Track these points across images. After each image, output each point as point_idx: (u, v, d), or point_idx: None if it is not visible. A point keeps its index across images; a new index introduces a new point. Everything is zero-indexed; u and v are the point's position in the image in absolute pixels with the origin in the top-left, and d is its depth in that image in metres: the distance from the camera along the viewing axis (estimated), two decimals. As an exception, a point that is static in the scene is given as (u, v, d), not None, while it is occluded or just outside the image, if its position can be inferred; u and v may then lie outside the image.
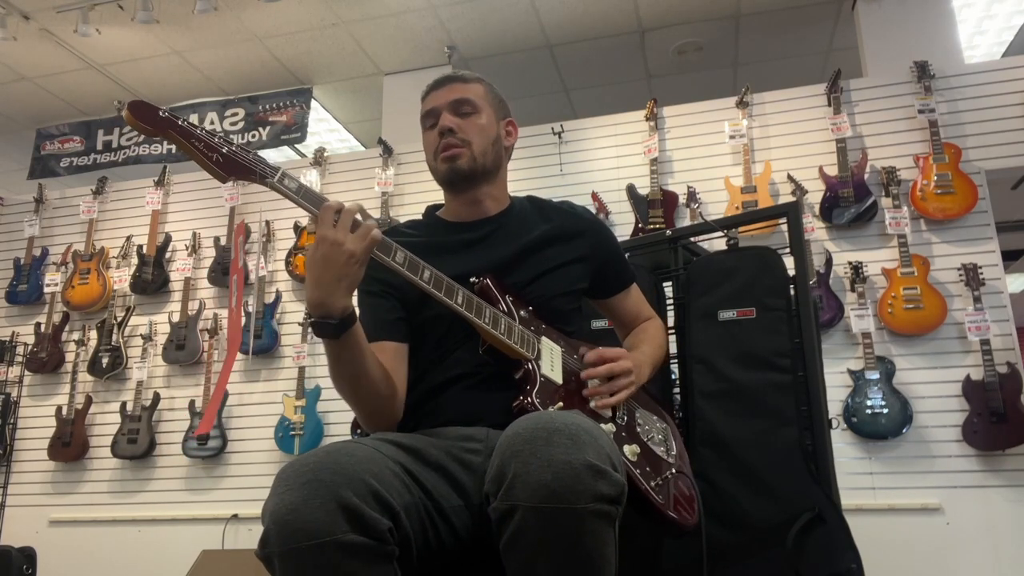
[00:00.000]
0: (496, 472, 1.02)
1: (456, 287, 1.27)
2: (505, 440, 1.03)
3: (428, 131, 1.48)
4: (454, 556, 1.19)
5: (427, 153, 1.50)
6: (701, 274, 2.00)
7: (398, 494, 1.06)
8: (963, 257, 3.32)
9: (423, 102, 1.51)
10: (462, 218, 1.51)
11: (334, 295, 1.14)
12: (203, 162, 1.14)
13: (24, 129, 5.00)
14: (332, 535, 0.96)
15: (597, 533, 0.98)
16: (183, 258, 4.28)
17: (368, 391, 1.27)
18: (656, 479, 1.32)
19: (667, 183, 3.78)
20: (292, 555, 0.96)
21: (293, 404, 3.85)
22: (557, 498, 0.95)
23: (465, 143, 1.44)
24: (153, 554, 3.90)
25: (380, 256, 1.20)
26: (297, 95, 4.56)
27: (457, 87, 1.48)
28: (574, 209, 1.59)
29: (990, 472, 3.10)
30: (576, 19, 4.16)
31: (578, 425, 1.02)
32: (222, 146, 1.15)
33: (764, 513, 1.74)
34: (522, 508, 0.97)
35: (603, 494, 0.97)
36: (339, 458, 1.03)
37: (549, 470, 0.96)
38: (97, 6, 3.88)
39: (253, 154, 1.17)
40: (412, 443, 1.22)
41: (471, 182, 1.46)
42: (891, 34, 3.85)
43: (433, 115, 1.47)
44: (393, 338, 1.38)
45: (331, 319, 1.15)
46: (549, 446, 0.98)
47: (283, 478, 1.02)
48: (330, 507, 0.97)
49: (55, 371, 4.29)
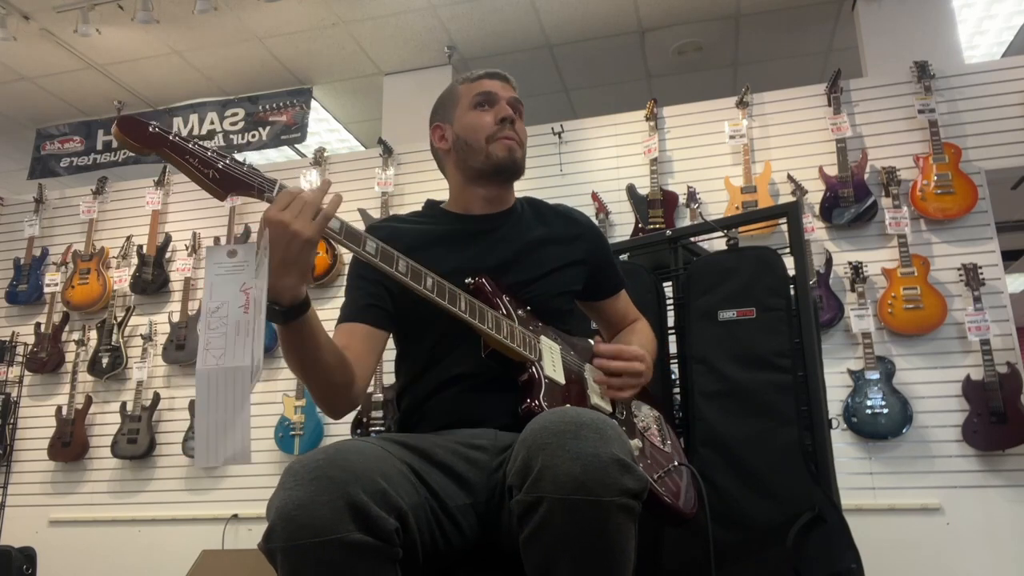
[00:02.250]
0: (521, 465, 1.01)
1: (458, 293, 1.26)
2: (531, 434, 1.03)
3: (482, 111, 1.46)
4: (459, 556, 1.19)
5: (473, 132, 1.45)
6: (701, 274, 2.00)
7: (406, 494, 1.06)
8: (963, 257, 3.32)
9: (473, 83, 1.49)
10: (470, 211, 1.50)
11: (283, 279, 1.08)
12: (199, 180, 1.07)
13: (24, 129, 5.00)
14: (337, 533, 0.95)
15: (620, 527, 0.99)
16: (183, 258, 4.28)
17: (318, 377, 1.22)
18: (658, 472, 1.35)
19: (667, 183, 3.78)
20: (296, 551, 0.96)
21: (293, 404, 3.85)
22: (585, 490, 0.96)
23: (520, 143, 1.47)
24: (153, 554, 3.90)
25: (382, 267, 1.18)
26: (297, 95, 4.56)
27: (511, 88, 1.51)
28: (571, 213, 1.60)
29: (990, 472, 3.10)
30: (576, 19, 4.16)
31: (603, 420, 1.04)
32: (217, 161, 1.07)
33: (764, 513, 1.74)
34: (548, 500, 0.97)
35: (628, 488, 0.98)
36: (349, 456, 1.03)
37: (578, 463, 0.97)
38: (97, 6, 3.88)
39: (248, 166, 1.11)
40: (418, 443, 1.22)
41: (512, 177, 1.48)
42: (891, 34, 3.85)
43: (493, 99, 1.46)
44: (366, 321, 1.36)
45: (278, 304, 1.10)
46: (577, 440, 0.99)
47: (292, 473, 1.01)
48: (338, 505, 0.96)
49: (55, 371, 4.29)
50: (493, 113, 1.45)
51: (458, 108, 1.48)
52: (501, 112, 1.44)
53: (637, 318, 1.68)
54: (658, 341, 1.67)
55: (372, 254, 1.17)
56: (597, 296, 1.61)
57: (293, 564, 0.97)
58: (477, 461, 1.24)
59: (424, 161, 4.12)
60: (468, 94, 1.48)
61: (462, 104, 1.48)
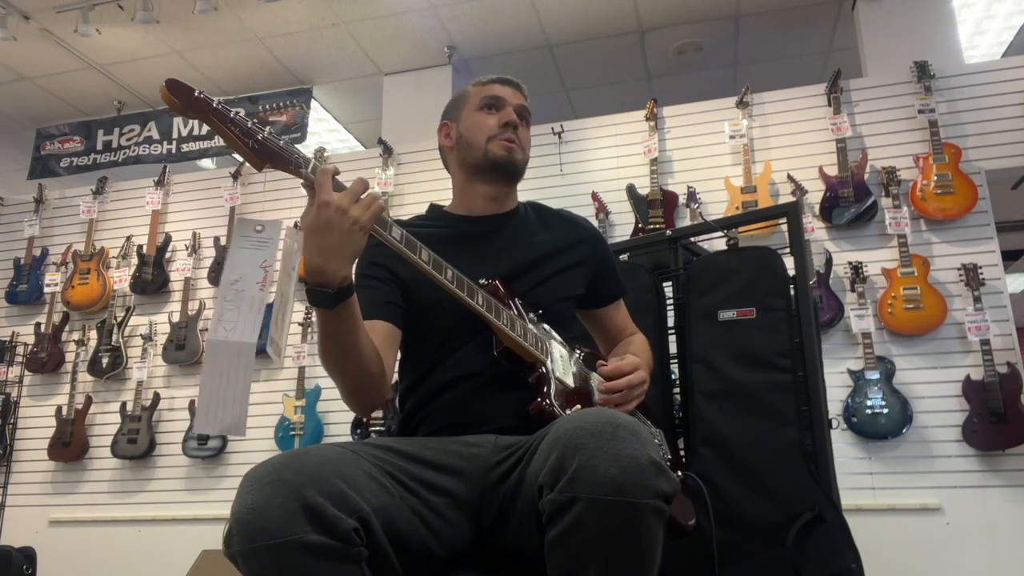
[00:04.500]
0: (555, 464, 1.00)
1: (476, 288, 1.28)
2: (564, 433, 1.02)
3: (488, 113, 1.49)
4: (457, 554, 1.19)
5: (476, 132, 1.49)
6: (701, 274, 2.00)
7: (371, 495, 1.06)
8: (963, 257, 3.32)
9: (483, 86, 1.52)
10: (473, 212, 1.51)
11: (334, 262, 1.12)
12: (240, 148, 1.09)
13: (24, 129, 5.00)
14: (293, 535, 0.96)
15: (652, 529, 0.99)
16: (183, 258, 4.28)
17: (356, 367, 1.23)
18: None
19: (667, 183, 3.78)
20: (253, 554, 0.97)
21: (293, 404, 3.85)
22: (623, 492, 0.96)
23: (521, 147, 1.49)
24: (153, 554, 3.90)
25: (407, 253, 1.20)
26: (297, 95, 4.56)
27: (521, 95, 1.53)
28: (574, 217, 1.61)
29: (990, 472, 3.10)
30: (576, 19, 4.16)
31: (637, 423, 1.04)
32: (257, 132, 1.10)
33: (764, 513, 1.74)
34: (584, 500, 0.97)
35: (663, 491, 0.98)
36: (305, 459, 1.04)
37: (617, 464, 0.96)
38: (97, 6, 3.88)
39: (284, 142, 1.14)
40: (405, 446, 1.22)
41: (512, 179, 1.50)
42: (891, 34, 3.85)
43: (500, 103, 1.49)
44: (387, 319, 1.37)
45: (328, 287, 1.13)
46: (615, 440, 0.98)
47: (248, 478, 1.02)
48: (291, 507, 0.97)
49: (55, 371, 4.30)
50: (498, 116, 1.48)
51: (466, 108, 1.52)
52: (505, 116, 1.47)
53: (635, 331, 1.67)
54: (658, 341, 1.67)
55: (398, 239, 1.19)
56: (597, 303, 1.61)
57: (253, 567, 0.98)
58: (473, 456, 1.24)
59: (424, 161, 4.12)
60: (477, 96, 1.51)
61: (470, 105, 1.51)
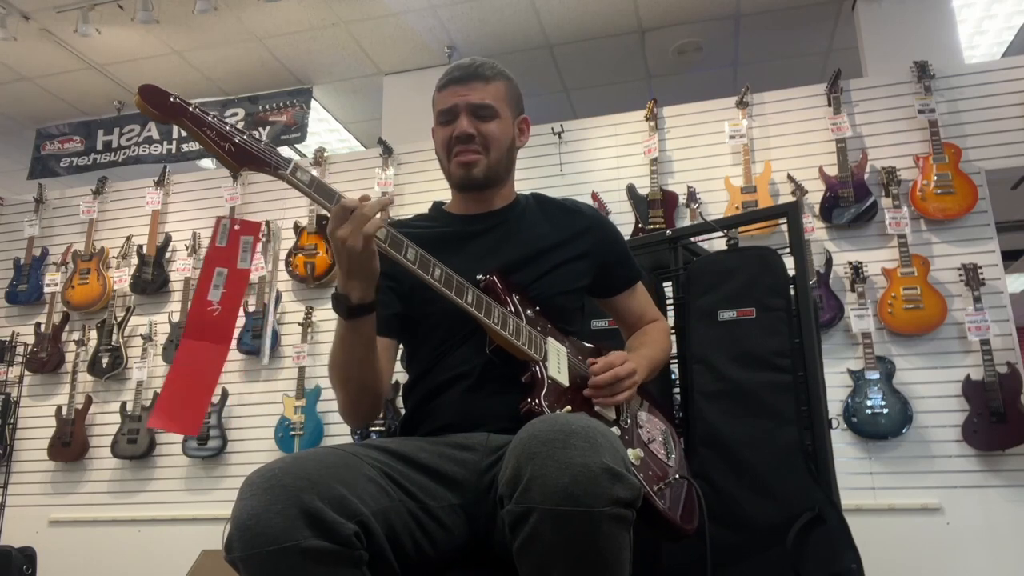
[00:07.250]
0: (511, 474, 1.00)
1: (466, 286, 1.27)
2: (520, 443, 1.02)
3: (443, 127, 1.43)
4: (452, 556, 1.19)
5: (439, 148, 1.46)
6: (701, 274, 2.00)
7: (371, 498, 1.06)
8: (963, 257, 3.32)
9: (440, 93, 1.45)
10: (469, 212, 1.50)
11: (349, 284, 1.19)
12: (215, 151, 1.11)
13: (24, 129, 5.00)
14: (293, 540, 0.96)
15: (613, 537, 0.98)
16: (183, 258, 4.28)
17: (361, 381, 1.29)
18: (659, 483, 1.31)
19: (667, 183, 3.78)
20: (254, 559, 0.97)
21: (293, 404, 3.85)
22: (574, 501, 0.94)
23: (482, 151, 1.41)
24: (153, 554, 3.90)
25: (391, 252, 1.20)
26: (297, 95, 4.56)
27: (478, 88, 1.41)
28: (578, 206, 1.57)
29: (990, 472, 3.10)
30: (576, 19, 4.16)
31: (594, 428, 1.02)
32: (234, 135, 1.11)
33: (764, 513, 1.74)
34: (538, 511, 0.96)
35: (620, 498, 0.97)
36: (304, 464, 1.04)
37: (567, 473, 0.95)
38: (97, 6, 3.88)
39: (265, 144, 1.14)
40: (400, 448, 1.22)
41: (477, 191, 1.46)
42: (891, 34, 3.85)
43: (451, 113, 1.42)
44: (385, 334, 1.38)
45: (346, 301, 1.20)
46: (566, 449, 0.97)
47: (248, 483, 1.02)
48: (291, 512, 0.97)
49: (55, 371, 4.29)
50: (450, 130, 1.42)
51: (433, 118, 1.48)
52: (456, 130, 1.40)
53: (656, 318, 1.64)
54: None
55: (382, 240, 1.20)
56: (608, 292, 1.58)
57: (253, 572, 0.98)
58: (466, 462, 1.24)
59: (424, 161, 4.12)
60: (436, 106, 1.46)
61: (434, 115, 1.47)
